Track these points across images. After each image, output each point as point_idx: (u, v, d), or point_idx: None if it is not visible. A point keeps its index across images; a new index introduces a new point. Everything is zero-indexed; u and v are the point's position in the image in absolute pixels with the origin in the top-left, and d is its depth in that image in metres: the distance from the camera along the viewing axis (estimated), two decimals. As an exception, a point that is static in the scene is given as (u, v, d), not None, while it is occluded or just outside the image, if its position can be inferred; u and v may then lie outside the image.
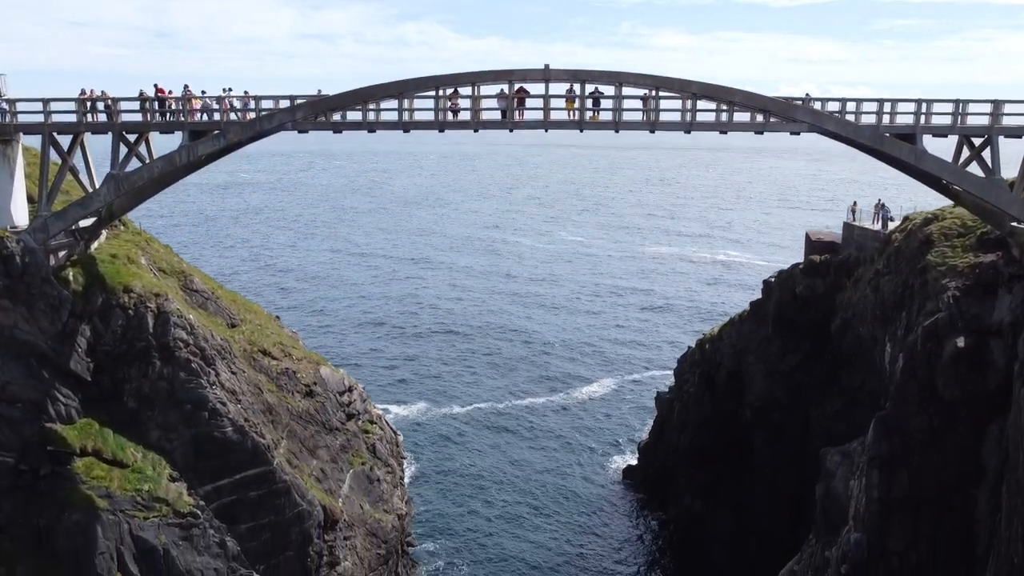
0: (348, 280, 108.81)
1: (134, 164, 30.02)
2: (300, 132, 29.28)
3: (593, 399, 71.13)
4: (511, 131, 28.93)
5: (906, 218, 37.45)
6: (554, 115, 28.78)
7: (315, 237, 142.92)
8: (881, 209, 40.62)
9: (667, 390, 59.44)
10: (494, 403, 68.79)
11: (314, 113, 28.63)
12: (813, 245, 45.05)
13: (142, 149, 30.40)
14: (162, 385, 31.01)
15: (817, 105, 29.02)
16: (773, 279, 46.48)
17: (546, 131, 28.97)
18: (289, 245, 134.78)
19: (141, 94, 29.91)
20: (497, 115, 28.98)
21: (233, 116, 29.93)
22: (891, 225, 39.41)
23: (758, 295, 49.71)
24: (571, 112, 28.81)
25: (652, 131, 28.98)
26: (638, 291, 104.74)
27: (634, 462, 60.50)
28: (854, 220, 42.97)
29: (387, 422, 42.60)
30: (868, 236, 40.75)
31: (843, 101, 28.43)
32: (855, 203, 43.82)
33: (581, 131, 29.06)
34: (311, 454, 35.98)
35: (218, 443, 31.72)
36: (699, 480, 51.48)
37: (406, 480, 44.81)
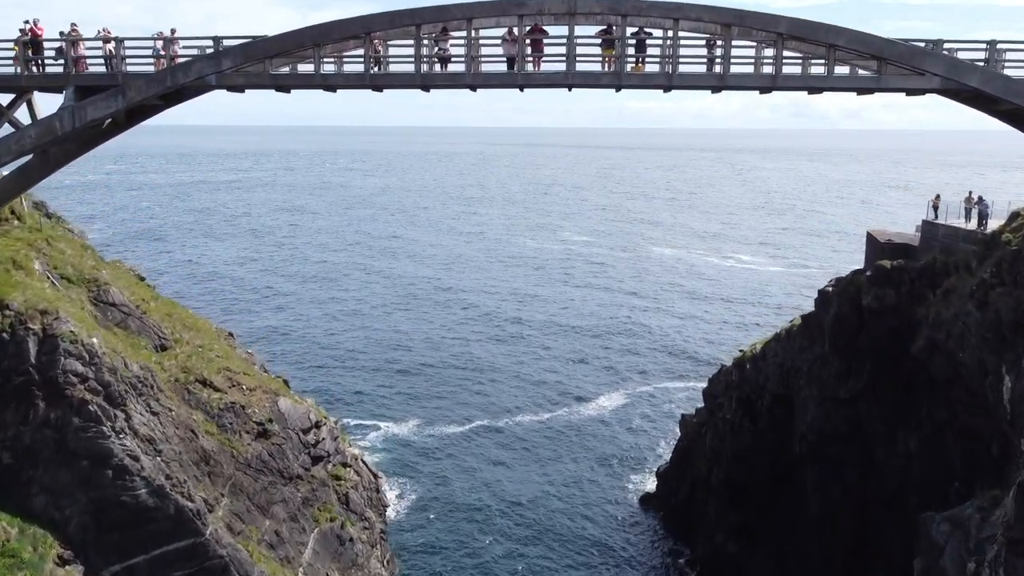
0: (327, 287, 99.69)
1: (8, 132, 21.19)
2: (232, 91, 20.42)
3: (602, 415, 62.27)
4: (521, 89, 20.06)
5: (1017, 214, 28.57)
6: (581, 66, 19.85)
7: (291, 242, 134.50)
8: (976, 204, 31.66)
9: (693, 412, 50.67)
10: (492, 420, 59.99)
11: (247, 61, 19.74)
12: (880, 248, 36.14)
13: (23, 113, 21.60)
14: (48, 434, 22.16)
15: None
16: (831, 288, 37.58)
17: (570, 89, 20.10)
18: (269, 249, 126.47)
19: (21, 35, 20.99)
20: (502, 66, 20.08)
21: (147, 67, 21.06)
22: (992, 224, 30.46)
23: (780, 302, 40.99)
24: (606, 62, 19.90)
25: (716, 89, 20.10)
26: (648, 296, 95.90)
27: (652, 488, 51.96)
28: (936, 217, 34.00)
29: (365, 463, 33.77)
30: (959, 236, 31.83)
31: (989, 46, 19.50)
32: (938, 196, 34.85)
33: (618, 90, 20.17)
34: (262, 513, 27.17)
35: (128, 510, 22.90)
36: (733, 518, 42.81)
37: (388, 533, 35.86)
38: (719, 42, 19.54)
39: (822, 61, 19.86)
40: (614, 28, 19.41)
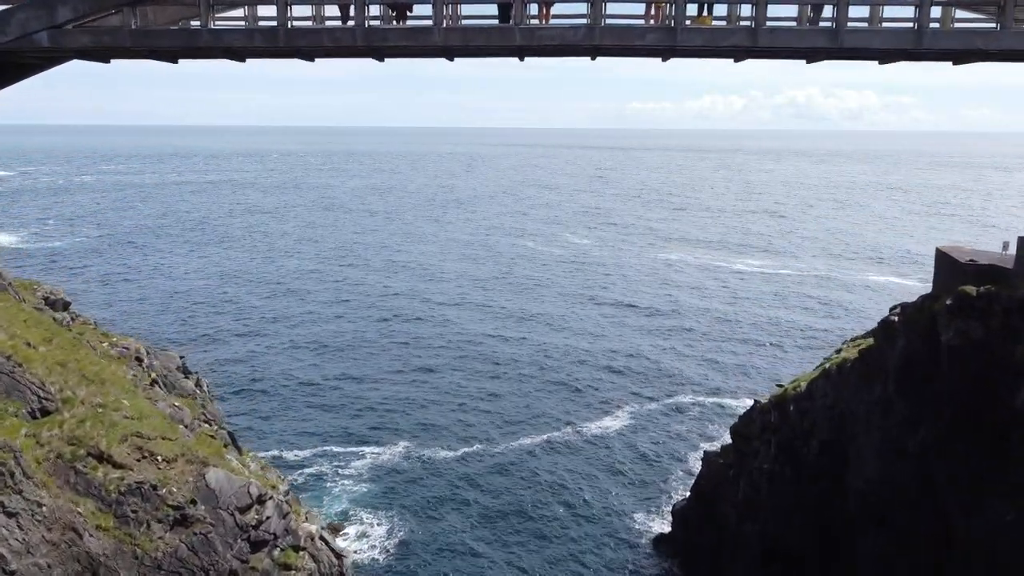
0: (298, 301, 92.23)
1: None
2: (85, 58, 13.18)
3: (604, 441, 55.05)
4: (521, 56, 12.83)
5: None
6: (614, 19, 12.59)
7: (264, 249, 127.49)
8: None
9: (718, 449, 43.54)
10: (483, 449, 53.12)
11: (96, 11, 12.50)
12: (960, 270, 28.95)
13: None
14: None
15: None
16: (896, 317, 30.40)
17: (594, 57, 12.87)
18: (253, 253, 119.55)
19: None
20: (493, 18, 12.82)
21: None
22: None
23: (797, 311, 33.91)
24: (652, 12, 12.65)
25: (817, 56, 12.82)
26: (652, 306, 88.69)
27: (667, 528, 45.16)
28: (1039, 233, 26.81)
29: (325, 540, 26.52)
30: (1076, 259, 24.72)
31: None
32: (1039, 207, 27.75)
33: (666, 58, 12.92)
34: (177, 631, 20.03)
35: (-39, 660, 15.90)
36: (769, 579, 35.78)
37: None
38: (825, -18, 12.35)
39: (975, 15, 12.56)
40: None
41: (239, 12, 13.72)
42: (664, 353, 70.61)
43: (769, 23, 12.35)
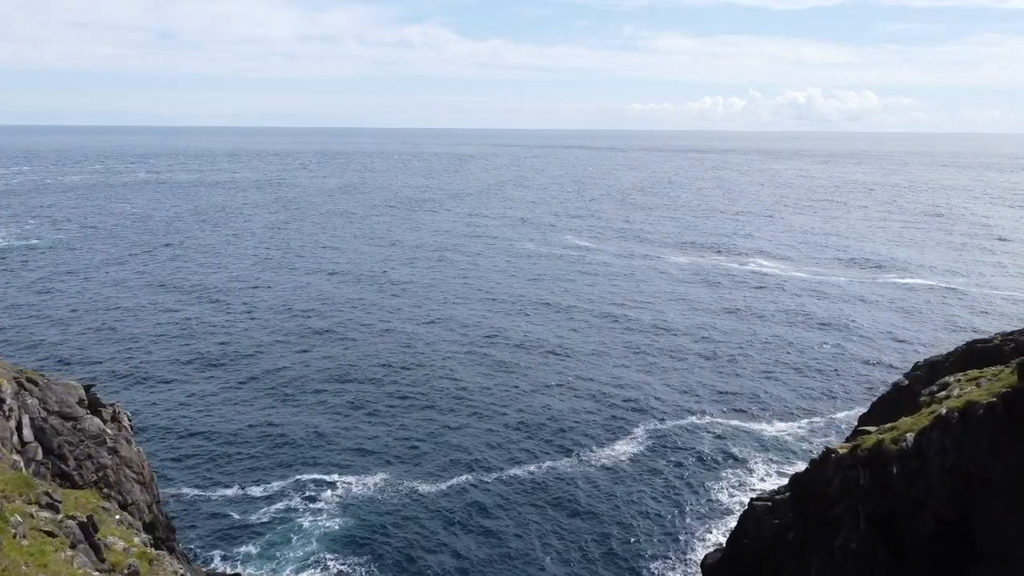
0: (273, 313, 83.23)
1: None
2: None
3: (612, 467, 46.47)
4: None
5: None
6: None
7: (232, 252, 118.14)
8: None
9: (768, 502, 33.94)
10: (477, 474, 44.47)
11: None
12: None
13: None
14: None
15: None
16: (1058, 345, 20.96)
17: None
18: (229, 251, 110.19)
19: None
20: None
21: None
22: None
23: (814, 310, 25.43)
24: None
25: None
26: (660, 314, 79.10)
27: (694, 585, 36.36)
28: None
29: None
30: None
31: None
32: None
33: None
34: None
35: None
36: None
37: None
38: None
39: None
40: None
41: None
42: (675, 368, 61.10)
43: None
